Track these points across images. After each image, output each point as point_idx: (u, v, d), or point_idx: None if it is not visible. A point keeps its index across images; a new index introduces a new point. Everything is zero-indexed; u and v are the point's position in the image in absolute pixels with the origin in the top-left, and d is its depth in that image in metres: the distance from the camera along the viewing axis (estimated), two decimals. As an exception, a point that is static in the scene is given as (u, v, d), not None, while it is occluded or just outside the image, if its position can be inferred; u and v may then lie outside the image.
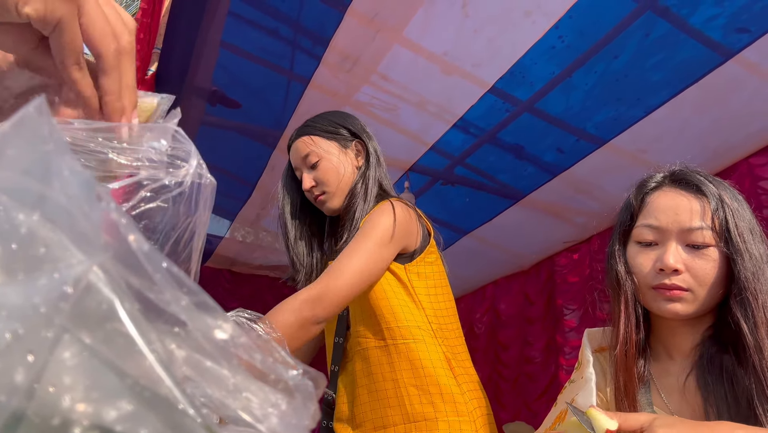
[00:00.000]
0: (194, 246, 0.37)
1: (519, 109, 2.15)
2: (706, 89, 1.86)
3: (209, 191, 0.37)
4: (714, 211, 0.91)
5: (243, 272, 3.75)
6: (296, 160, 1.38)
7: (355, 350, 1.26)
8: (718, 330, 0.92)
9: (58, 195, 0.23)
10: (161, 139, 0.35)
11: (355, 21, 1.86)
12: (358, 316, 1.26)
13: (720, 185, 0.94)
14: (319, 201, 1.34)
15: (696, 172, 0.97)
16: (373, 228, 1.19)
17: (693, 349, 0.93)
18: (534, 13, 1.74)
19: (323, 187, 1.33)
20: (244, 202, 2.99)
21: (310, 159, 1.34)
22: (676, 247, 0.91)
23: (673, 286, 0.90)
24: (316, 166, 1.34)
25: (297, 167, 1.39)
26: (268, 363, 0.27)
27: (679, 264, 0.90)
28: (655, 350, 0.99)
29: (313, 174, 1.34)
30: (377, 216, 1.21)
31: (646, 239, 0.95)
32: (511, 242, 3.01)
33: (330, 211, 1.35)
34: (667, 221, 0.92)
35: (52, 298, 0.21)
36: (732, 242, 0.89)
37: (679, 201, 0.93)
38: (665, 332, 0.97)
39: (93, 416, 0.21)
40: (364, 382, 1.23)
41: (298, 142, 1.38)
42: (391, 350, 1.20)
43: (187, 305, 0.25)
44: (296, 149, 1.38)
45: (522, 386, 3.24)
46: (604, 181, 2.39)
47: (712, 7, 1.63)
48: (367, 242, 1.17)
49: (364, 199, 1.30)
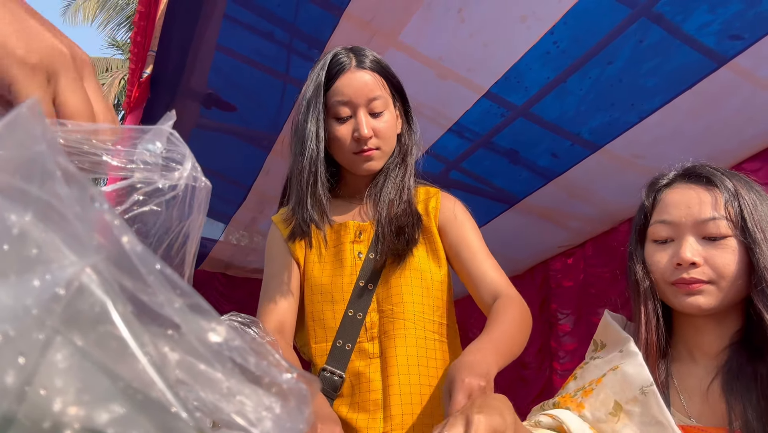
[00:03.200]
0: (188, 250, 0.37)
1: (514, 113, 2.16)
2: (700, 95, 1.88)
3: (204, 195, 0.36)
4: (727, 201, 0.89)
5: (237, 276, 3.74)
6: (356, 96, 1.12)
7: (399, 333, 1.11)
8: (748, 334, 0.89)
9: (51, 196, 0.23)
10: (156, 142, 0.35)
11: (350, 25, 1.87)
12: (417, 299, 1.13)
13: (734, 176, 0.92)
14: (366, 156, 1.12)
15: (708, 166, 0.95)
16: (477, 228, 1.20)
17: (720, 352, 0.90)
18: (529, 18, 1.75)
19: (380, 143, 1.13)
20: (239, 205, 2.98)
21: (376, 104, 1.12)
22: (692, 240, 0.89)
23: (693, 280, 0.87)
24: (379, 117, 1.13)
25: (352, 102, 1.12)
26: (262, 366, 0.27)
27: (696, 257, 0.88)
28: (678, 351, 0.96)
29: (373, 123, 1.12)
30: (468, 214, 1.21)
31: (661, 235, 0.93)
32: (506, 246, 3.01)
33: (368, 170, 1.15)
34: (679, 215, 0.91)
35: (44, 299, 0.21)
36: (749, 231, 0.86)
37: (690, 194, 0.91)
38: (689, 330, 0.94)
39: (85, 419, 0.21)
40: (414, 370, 1.09)
41: (368, 74, 1.13)
42: (437, 345, 1.14)
43: (180, 308, 0.25)
44: (363, 83, 1.12)
45: (516, 391, 3.24)
46: (598, 186, 2.40)
47: (705, 14, 1.65)
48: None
49: (410, 173, 1.18)
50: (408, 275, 1.14)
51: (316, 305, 1.15)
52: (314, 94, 1.13)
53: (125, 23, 13.99)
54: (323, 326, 1.14)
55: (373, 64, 1.16)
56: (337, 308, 1.13)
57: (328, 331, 1.13)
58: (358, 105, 1.12)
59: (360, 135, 1.11)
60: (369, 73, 1.14)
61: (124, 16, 13.95)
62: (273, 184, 2.78)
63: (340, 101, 1.12)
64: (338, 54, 1.15)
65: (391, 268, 1.15)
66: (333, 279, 1.16)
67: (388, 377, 1.09)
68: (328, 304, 1.14)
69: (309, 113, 1.12)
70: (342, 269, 1.16)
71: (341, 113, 1.13)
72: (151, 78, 2.06)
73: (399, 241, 1.13)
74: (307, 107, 1.13)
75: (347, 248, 1.17)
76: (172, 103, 2.27)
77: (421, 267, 1.16)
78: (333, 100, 1.13)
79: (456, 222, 1.19)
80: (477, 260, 1.17)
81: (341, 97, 1.12)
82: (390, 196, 1.16)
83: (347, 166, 1.18)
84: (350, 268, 1.16)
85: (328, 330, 1.13)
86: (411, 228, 1.15)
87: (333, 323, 1.13)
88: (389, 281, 1.14)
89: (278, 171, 2.67)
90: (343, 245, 1.17)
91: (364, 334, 1.12)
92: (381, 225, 1.15)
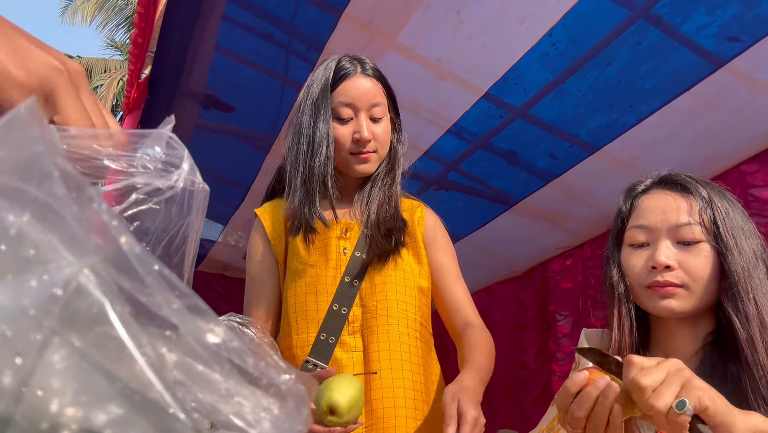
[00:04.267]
0: (187, 251, 0.37)
1: (512, 115, 2.16)
2: (698, 97, 1.88)
3: (202, 197, 0.36)
4: (701, 207, 0.92)
5: (236, 277, 3.73)
6: (360, 99, 1.18)
7: (383, 328, 1.15)
8: (719, 335, 0.92)
9: (49, 196, 0.23)
10: (155, 146, 0.35)
11: (349, 26, 1.87)
12: (401, 297, 1.18)
13: (708, 185, 0.96)
14: (363, 158, 1.19)
15: (683, 174, 0.99)
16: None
17: (694, 354, 0.93)
18: (528, 20, 1.75)
19: (377, 146, 1.19)
20: (237, 206, 2.98)
21: (377, 110, 1.19)
22: (667, 244, 0.92)
23: (666, 283, 0.90)
24: (378, 122, 1.20)
25: (354, 105, 1.18)
26: (260, 367, 0.27)
27: (670, 260, 0.90)
28: (654, 354, 0.98)
29: (372, 127, 1.19)
30: (447, 235, 1.31)
31: (637, 240, 0.96)
32: (504, 247, 3.02)
33: (361, 173, 1.21)
34: (655, 220, 0.94)
35: (42, 300, 0.21)
36: (721, 237, 0.90)
37: (667, 200, 0.95)
38: (664, 334, 0.97)
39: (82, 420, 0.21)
40: (397, 365, 1.13)
41: (371, 82, 1.20)
42: (419, 343, 1.20)
43: (178, 308, 0.24)
44: (367, 88, 1.19)
45: (516, 393, 3.24)
46: (596, 188, 2.40)
47: (703, 17, 1.65)
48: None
49: (398, 182, 1.24)
50: (392, 274, 1.19)
51: (299, 296, 1.18)
52: (321, 95, 1.19)
53: (124, 24, 13.99)
54: (305, 318, 1.17)
55: (375, 73, 1.24)
56: (321, 300, 1.17)
57: (311, 322, 1.16)
58: (360, 108, 1.18)
59: (361, 136, 1.17)
60: (372, 80, 1.22)
61: (123, 17, 13.94)
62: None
63: (344, 102, 1.18)
64: (342, 60, 1.23)
65: (377, 266, 1.20)
66: (317, 271, 1.19)
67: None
68: (311, 295, 1.18)
69: (317, 114, 1.18)
70: (327, 262, 1.19)
71: (343, 114, 1.18)
72: (149, 79, 2.06)
73: (388, 242, 1.19)
74: (315, 108, 1.18)
75: (333, 243, 1.20)
76: (170, 104, 2.27)
77: (405, 268, 1.22)
78: (337, 101, 1.19)
79: (436, 243, 1.28)
80: (451, 287, 1.27)
81: (345, 99, 1.18)
82: (379, 200, 1.22)
83: (341, 166, 1.22)
84: (335, 262, 1.19)
85: (310, 321, 1.16)
86: (398, 232, 1.21)
87: (315, 314, 1.16)
88: (374, 278, 1.19)
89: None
90: (329, 240, 1.20)
91: (347, 328, 1.16)
92: (369, 226, 1.20)
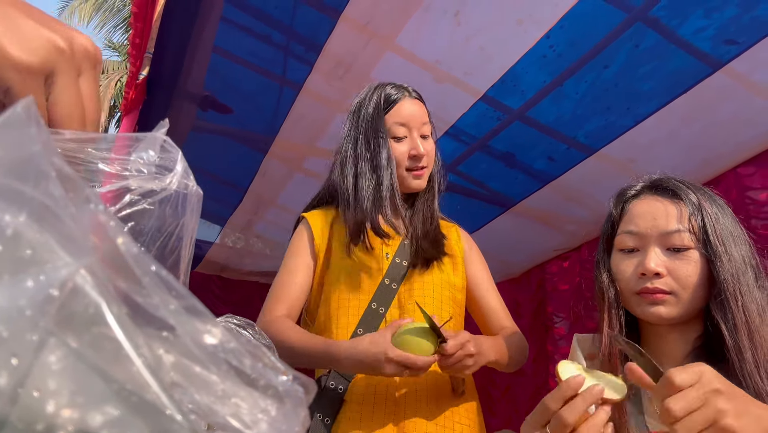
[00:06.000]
0: (182, 253, 0.37)
1: (510, 117, 2.16)
2: (695, 99, 1.88)
3: (195, 200, 0.36)
4: (691, 214, 0.92)
5: (233, 278, 3.72)
6: (413, 119, 1.31)
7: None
8: (708, 339, 0.92)
9: (45, 196, 0.23)
10: (150, 150, 0.35)
11: (347, 28, 1.87)
12: (437, 298, 1.27)
13: (698, 190, 0.96)
14: (416, 174, 1.30)
15: (674, 179, 0.99)
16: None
17: (684, 358, 0.93)
18: (526, 22, 1.76)
19: (428, 162, 1.31)
20: (235, 207, 2.98)
21: (426, 129, 1.32)
22: (656, 251, 0.92)
23: (656, 289, 0.91)
24: (426, 140, 1.32)
25: (408, 125, 1.31)
26: (257, 369, 0.27)
27: (660, 267, 0.91)
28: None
29: (424, 144, 1.31)
30: (479, 251, 1.43)
31: (627, 245, 0.96)
32: (502, 249, 3.02)
33: (414, 188, 1.32)
34: (645, 226, 0.94)
35: (38, 300, 0.21)
36: (711, 244, 0.90)
37: (657, 206, 0.95)
38: (654, 339, 0.97)
39: (78, 421, 0.21)
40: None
41: (419, 105, 1.34)
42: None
43: (175, 309, 0.24)
44: (419, 110, 1.33)
45: (513, 394, 3.24)
46: (594, 190, 2.40)
47: (701, 19, 1.65)
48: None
49: (437, 198, 1.37)
50: (431, 280, 1.28)
51: (343, 293, 1.26)
52: (377, 120, 1.30)
53: (121, 25, 13.97)
54: (347, 314, 1.24)
55: (419, 96, 1.37)
56: (362, 298, 1.25)
57: (351, 318, 1.24)
58: (413, 128, 1.31)
59: (417, 152, 1.29)
60: (418, 102, 1.35)
61: (121, 18, 13.92)
62: (269, 186, 2.78)
63: (398, 122, 1.30)
64: (388, 87, 1.35)
65: (417, 272, 1.29)
66: (361, 271, 1.27)
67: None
68: (354, 293, 1.26)
69: (376, 136, 1.28)
70: (370, 264, 1.28)
71: (399, 133, 1.30)
72: (147, 80, 2.06)
73: (435, 249, 1.29)
74: (373, 128, 1.29)
75: (377, 246, 1.30)
76: (168, 106, 2.27)
77: (443, 277, 1.30)
78: (391, 122, 1.30)
79: (472, 259, 1.39)
80: (487, 297, 1.37)
81: (400, 119, 1.31)
82: (423, 213, 1.34)
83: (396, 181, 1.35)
84: (377, 264, 1.28)
85: (351, 317, 1.24)
86: (440, 243, 1.32)
87: (356, 311, 1.24)
88: (413, 283, 1.27)
89: (274, 173, 2.67)
90: (375, 244, 1.29)
91: (383, 325, 1.23)
92: (415, 236, 1.31)
